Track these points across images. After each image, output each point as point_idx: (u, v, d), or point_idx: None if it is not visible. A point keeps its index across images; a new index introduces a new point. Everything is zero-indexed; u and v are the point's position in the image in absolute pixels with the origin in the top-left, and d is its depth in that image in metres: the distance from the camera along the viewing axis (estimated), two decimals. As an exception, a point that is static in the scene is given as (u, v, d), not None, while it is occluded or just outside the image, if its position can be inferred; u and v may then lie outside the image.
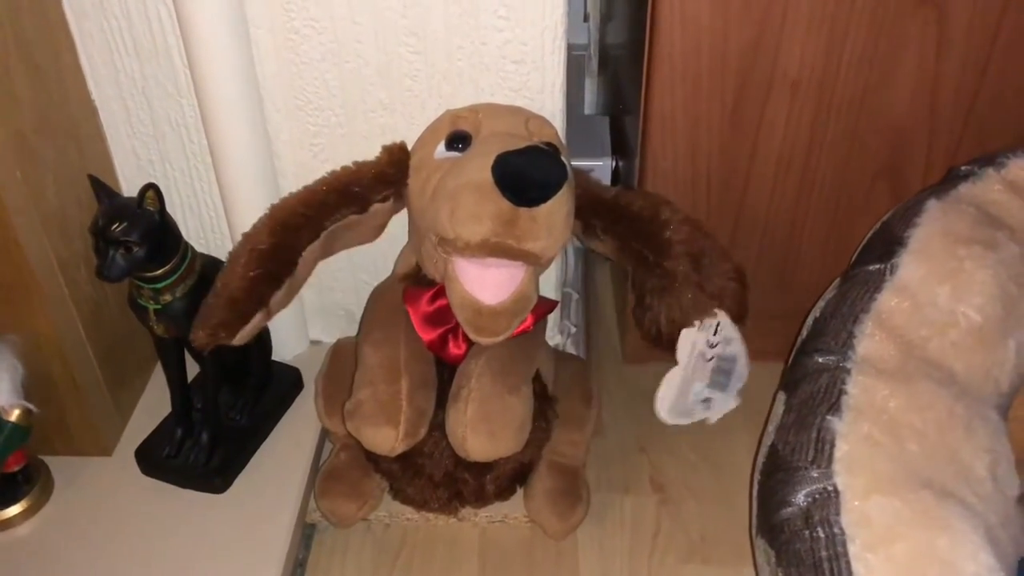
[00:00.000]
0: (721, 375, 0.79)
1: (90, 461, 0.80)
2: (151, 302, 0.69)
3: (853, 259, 0.75)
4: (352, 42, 0.74)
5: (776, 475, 0.58)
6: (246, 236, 0.68)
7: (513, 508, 0.82)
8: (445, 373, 0.72)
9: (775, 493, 0.57)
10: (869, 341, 0.63)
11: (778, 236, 0.90)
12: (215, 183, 0.81)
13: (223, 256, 0.72)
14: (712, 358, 0.76)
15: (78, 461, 0.80)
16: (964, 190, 0.72)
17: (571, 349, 0.94)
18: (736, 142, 0.83)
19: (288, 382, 0.87)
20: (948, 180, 0.75)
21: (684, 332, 0.74)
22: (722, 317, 0.76)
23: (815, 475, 0.55)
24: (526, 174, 0.60)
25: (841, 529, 0.52)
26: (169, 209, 0.84)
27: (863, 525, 0.51)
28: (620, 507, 0.86)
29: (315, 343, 0.94)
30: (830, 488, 0.54)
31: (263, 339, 0.82)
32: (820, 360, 0.64)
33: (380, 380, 0.67)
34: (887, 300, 0.65)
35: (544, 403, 0.77)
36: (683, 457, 0.91)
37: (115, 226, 0.64)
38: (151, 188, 0.65)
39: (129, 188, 0.84)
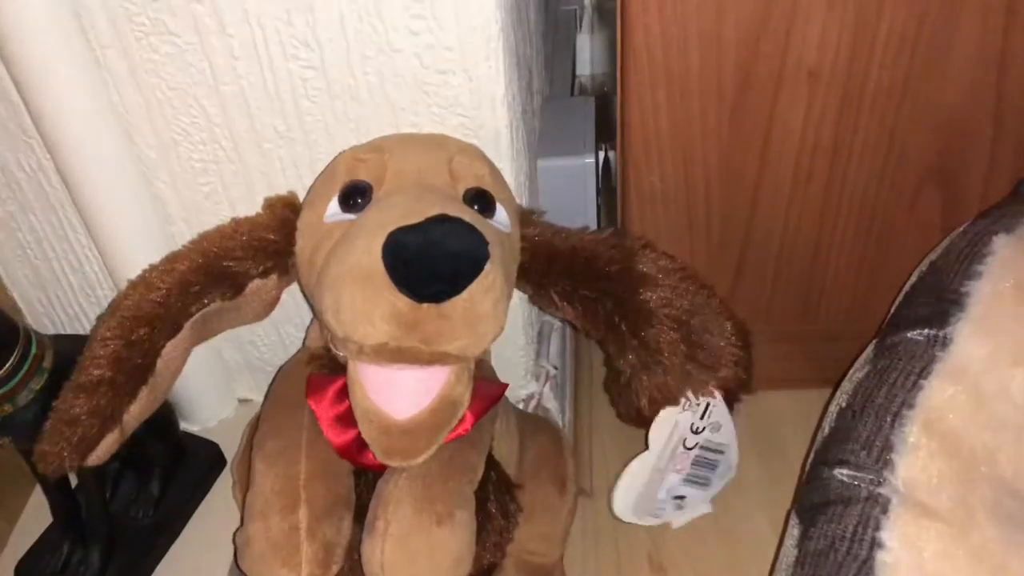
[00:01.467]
0: (703, 468, 0.62)
1: (-31, 575, 0.68)
2: (-12, 414, 0.55)
3: (892, 314, 0.57)
4: (227, 58, 0.57)
5: (784, 671, 0.42)
6: (93, 329, 0.53)
7: (480, 605, 0.68)
8: (368, 478, 0.56)
9: None
10: (914, 456, 0.46)
11: (799, 258, 0.72)
12: (91, 235, 0.65)
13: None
14: (695, 446, 0.60)
15: (-45, 575, 0.68)
16: (1044, 218, 0.53)
17: (550, 397, 0.78)
18: (739, 148, 0.66)
19: (205, 461, 0.73)
20: (1020, 198, 0.57)
21: (665, 411, 0.58)
22: (716, 399, 0.60)
23: None
24: (426, 262, 0.44)
25: None
26: (44, 267, 0.71)
27: None
28: (610, 596, 0.71)
29: (244, 401, 0.80)
30: None
31: (162, 419, 0.68)
32: (845, 479, 0.47)
33: (273, 510, 0.52)
34: (938, 390, 0.48)
35: (505, 494, 0.61)
36: (690, 525, 0.76)
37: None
38: (-49, 286, 0.50)
39: (-8, 245, 0.69)
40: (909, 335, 0.52)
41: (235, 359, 0.76)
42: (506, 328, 0.53)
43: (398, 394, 0.48)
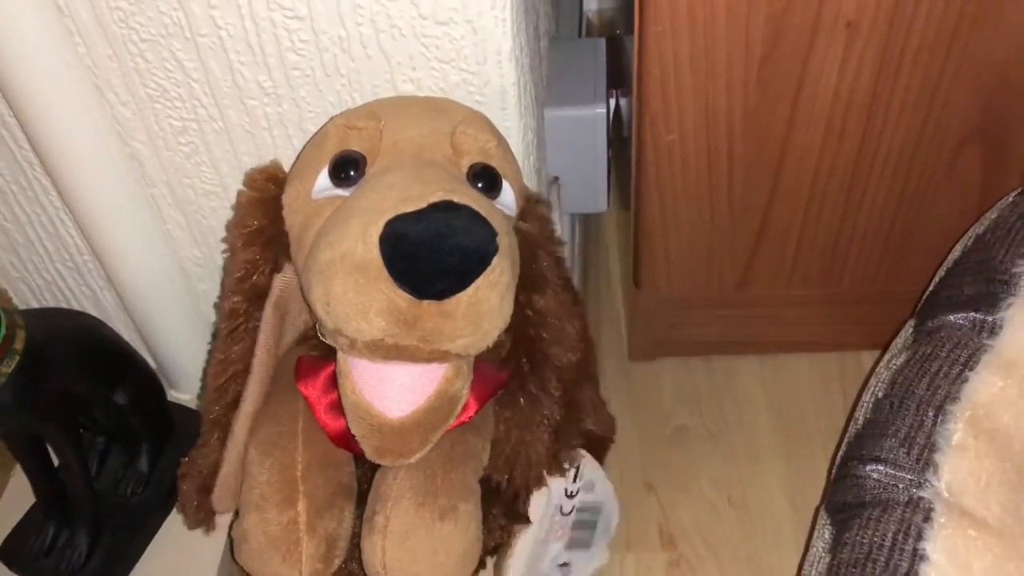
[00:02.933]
0: (584, 531, 0.60)
1: (-49, 555, 0.65)
2: (-40, 396, 0.51)
3: (931, 290, 0.53)
4: (203, 8, 0.51)
5: None
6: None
7: (486, 582, 0.66)
8: (367, 464, 0.53)
9: None
10: (959, 457, 0.42)
11: (826, 220, 0.68)
12: (64, 198, 0.61)
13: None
14: (571, 511, 0.57)
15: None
16: (1104, 190, 0.49)
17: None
18: (767, 104, 0.60)
19: (195, 434, 0.68)
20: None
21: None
22: (585, 458, 0.57)
23: None
24: (429, 257, 0.39)
25: None
26: (16, 229, 0.66)
27: None
28: (619, 570, 0.69)
29: (238, 369, 0.76)
30: None
31: (144, 392, 0.64)
32: (883, 479, 0.43)
33: (270, 503, 0.49)
34: (987, 383, 0.44)
35: (511, 474, 0.58)
36: (700, 495, 0.73)
37: None
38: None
39: (-43, 206, 0.64)
40: (953, 319, 0.47)
41: (225, 325, 0.72)
42: None
43: (391, 390, 0.44)
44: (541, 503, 0.55)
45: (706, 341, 0.80)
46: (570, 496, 0.57)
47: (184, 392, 0.73)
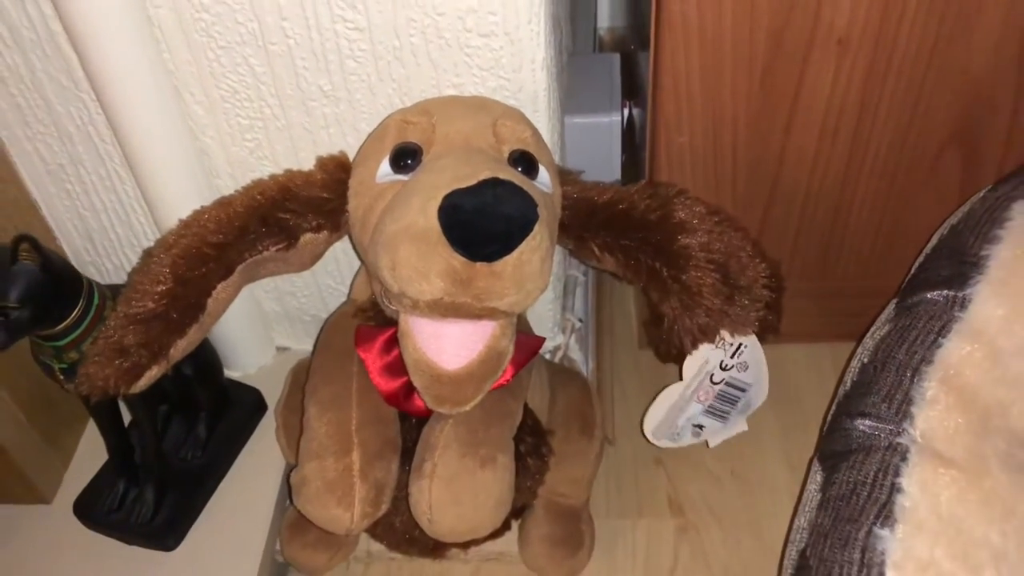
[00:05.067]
0: (725, 403, 0.66)
1: (27, 510, 0.71)
2: (55, 361, 0.58)
3: (912, 274, 0.60)
4: (275, 20, 0.58)
5: (808, 603, 0.46)
6: (146, 259, 0.55)
7: (508, 544, 0.72)
8: (412, 423, 0.60)
9: (806, 628, 0.45)
10: (932, 408, 0.49)
11: (820, 217, 0.75)
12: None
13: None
14: (721, 382, 0.63)
15: (15, 510, 0.71)
16: (1062, 185, 0.56)
17: (575, 349, 0.81)
18: (769, 111, 0.67)
19: (248, 406, 0.76)
20: (1040, 165, 0.59)
21: (699, 348, 0.61)
22: (750, 339, 0.62)
23: (858, 617, 0.43)
24: (481, 223, 0.46)
25: None
26: (92, 217, 0.73)
27: None
28: (632, 535, 0.76)
29: (282, 350, 0.83)
30: (877, 638, 0.42)
31: (208, 363, 0.71)
32: (866, 430, 0.50)
33: (328, 452, 0.56)
34: (956, 347, 0.51)
35: (538, 439, 0.65)
36: (705, 470, 0.80)
37: (-17, 290, 0.52)
38: (25, 240, 0.52)
39: (42, 196, 0.71)
40: (929, 296, 0.54)
41: (274, 309, 0.79)
42: None
43: (449, 346, 0.51)
44: (695, 365, 0.61)
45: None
46: (724, 369, 0.62)
47: (235, 370, 0.80)
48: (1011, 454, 0.47)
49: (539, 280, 0.50)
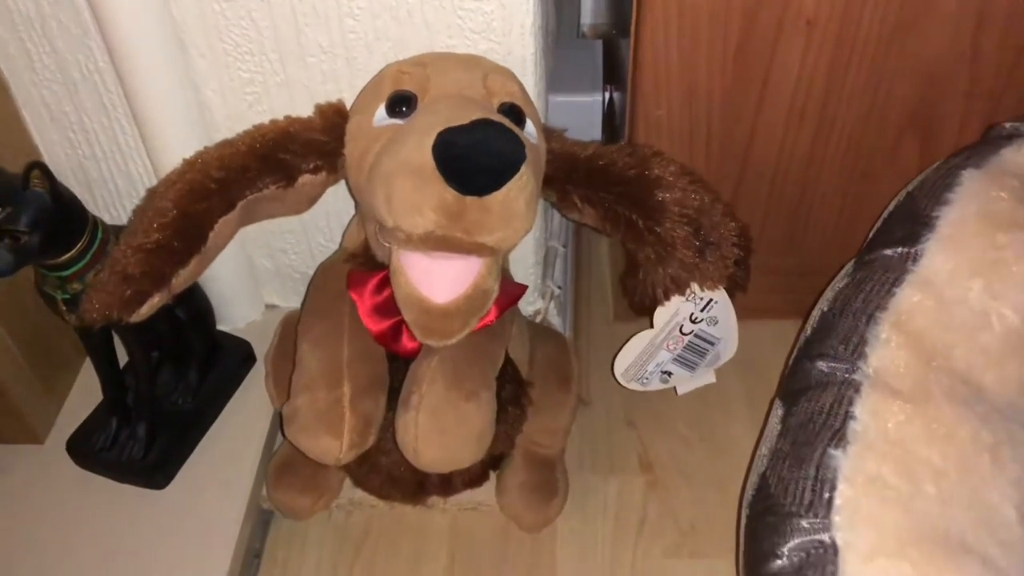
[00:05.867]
0: (692, 354, 0.69)
1: (20, 450, 0.74)
2: (58, 291, 0.61)
3: (871, 237, 0.65)
4: (281, -24, 0.62)
5: (766, 517, 0.50)
6: (150, 196, 0.58)
7: (486, 494, 0.75)
8: (399, 365, 0.63)
9: (763, 539, 0.49)
10: (884, 348, 0.53)
11: (788, 193, 0.79)
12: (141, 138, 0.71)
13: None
14: (690, 333, 0.67)
15: (7, 450, 0.73)
16: (1008, 156, 0.61)
17: (554, 314, 0.85)
18: (741, 88, 0.72)
19: (237, 357, 0.79)
20: (988, 142, 0.64)
21: (672, 298, 0.65)
22: (720, 295, 0.66)
23: (810, 525, 0.47)
24: (473, 158, 0.50)
25: (837, 600, 0.44)
26: (92, 166, 0.76)
27: (864, 597, 0.43)
28: (604, 490, 0.79)
29: (271, 307, 0.86)
30: (827, 543, 0.46)
31: (202, 311, 0.74)
32: (825, 369, 0.54)
33: (319, 385, 0.59)
34: (908, 296, 0.55)
35: (517, 388, 0.68)
36: (675, 432, 0.84)
37: (-5, 213, 0.54)
38: (37, 167, 0.55)
39: (44, 142, 0.74)
40: (885, 252, 0.59)
41: (265, 266, 0.82)
42: (517, 249, 0.59)
43: (438, 281, 0.54)
44: (666, 315, 0.65)
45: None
46: (694, 322, 0.66)
47: (225, 324, 0.82)
48: (953, 388, 0.52)
49: (524, 220, 0.53)
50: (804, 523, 0.47)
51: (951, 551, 0.44)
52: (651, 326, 0.68)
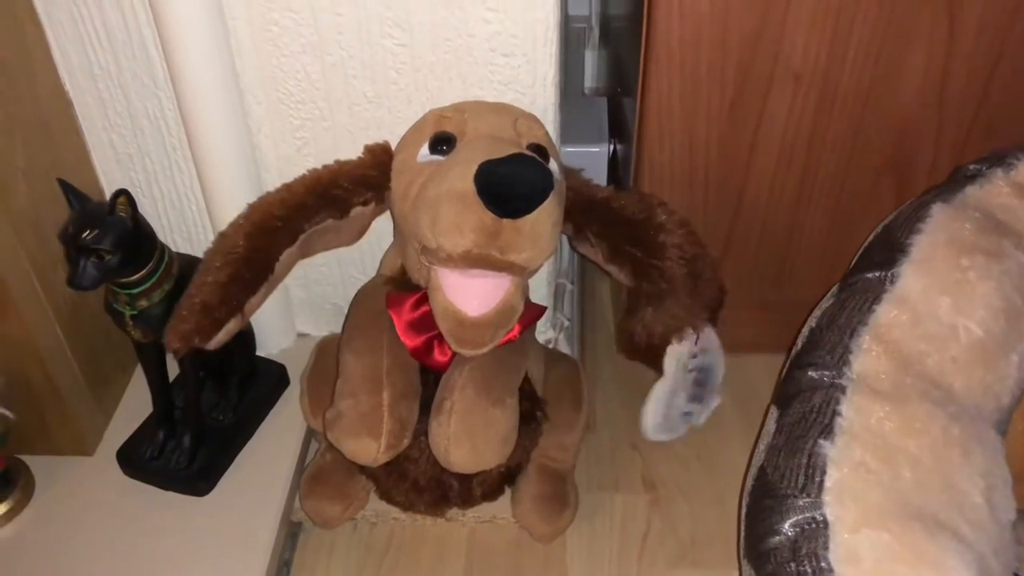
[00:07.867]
0: (699, 387, 0.77)
1: (71, 461, 0.79)
2: (127, 307, 0.68)
3: (853, 264, 0.72)
4: (334, 34, 0.70)
5: (764, 501, 0.56)
6: (221, 238, 0.66)
7: (502, 508, 0.81)
8: (430, 379, 0.70)
9: (763, 520, 0.55)
10: (866, 356, 0.60)
11: (778, 230, 0.87)
12: (196, 178, 0.78)
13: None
14: (694, 369, 0.75)
15: (59, 461, 0.79)
16: (971, 193, 0.69)
17: (564, 344, 0.92)
18: (736, 134, 0.80)
19: (273, 378, 0.85)
20: (954, 181, 0.72)
21: (671, 347, 0.72)
22: (707, 329, 0.74)
23: (804, 504, 0.53)
24: (509, 185, 0.58)
25: (828, 564, 0.50)
26: (149, 205, 0.84)
27: (851, 562, 0.49)
28: (610, 506, 0.85)
29: (302, 336, 0.92)
30: (819, 519, 0.52)
31: (245, 336, 0.80)
32: (814, 376, 0.61)
33: (361, 391, 0.66)
34: (886, 312, 0.63)
35: (533, 405, 0.75)
36: (676, 455, 0.90)
37: (86, 234, 0.62)
38: (123, 194, 0.63)
39: (108, 182, 0.81)
40: (866, 275, 0.67)
41: (300, 296, 0.89)
42: (532, 283, 0.67)
43: (472, 297, 0.62)
44: (672, 362, 0.73)
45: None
46: (693, 357, 0.74)
47: (260, 350, 0.89)
48: (927, 391, 0.59)
49: (549, 242, 0.61)
50: (799, 502, 0.53)
51: (926, 524, 0.51)
52: (657, 367, 0.75)
